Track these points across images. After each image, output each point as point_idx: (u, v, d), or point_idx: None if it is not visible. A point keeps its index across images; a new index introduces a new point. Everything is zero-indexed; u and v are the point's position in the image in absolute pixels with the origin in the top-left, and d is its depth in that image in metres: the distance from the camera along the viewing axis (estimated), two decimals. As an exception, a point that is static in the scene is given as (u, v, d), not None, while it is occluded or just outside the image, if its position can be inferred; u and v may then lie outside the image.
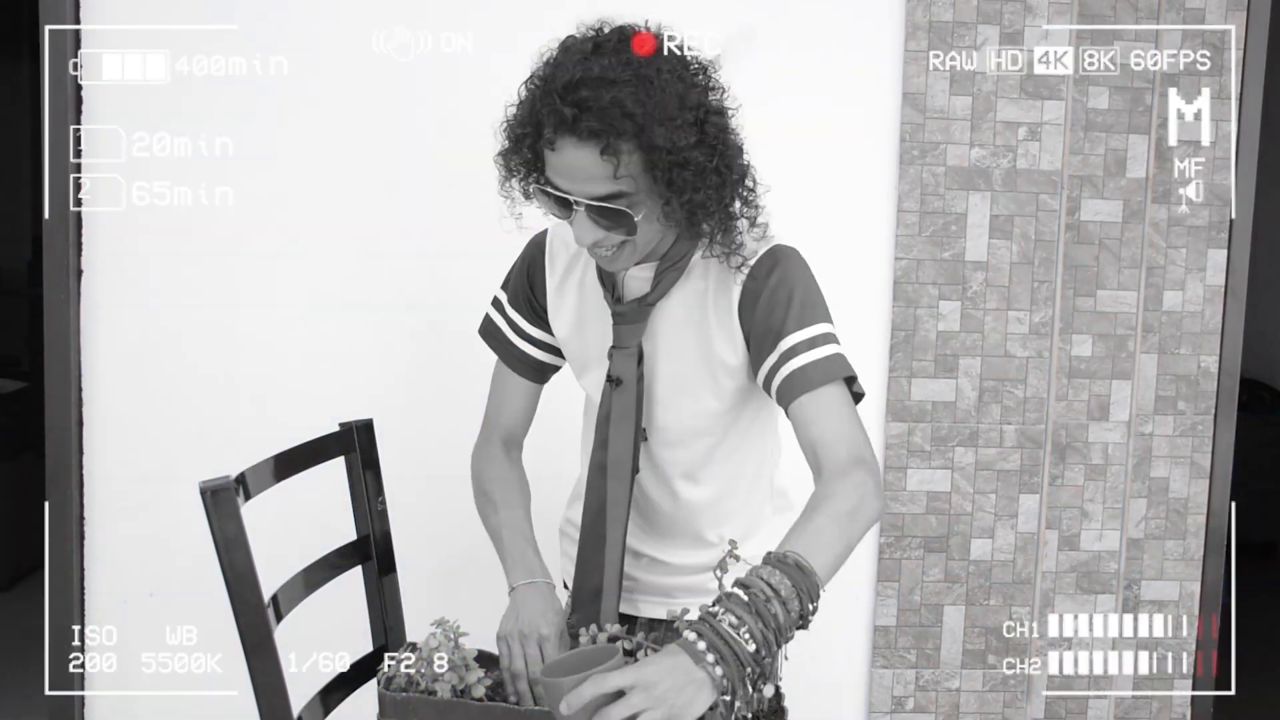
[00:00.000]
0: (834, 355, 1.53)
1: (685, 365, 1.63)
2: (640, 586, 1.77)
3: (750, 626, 1.23)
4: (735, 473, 1.72)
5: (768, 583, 1.27)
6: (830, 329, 1.55)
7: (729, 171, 1.49)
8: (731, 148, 1.50)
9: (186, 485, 1.70)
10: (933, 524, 2.66)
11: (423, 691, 1.53)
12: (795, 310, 1.54)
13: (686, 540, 1.73)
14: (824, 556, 1.33)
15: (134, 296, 2.52)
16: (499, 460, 1.80)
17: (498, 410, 1.83)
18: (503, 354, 1.81)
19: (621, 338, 1.63)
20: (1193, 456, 2.69)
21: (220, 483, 1.54)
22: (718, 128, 1.48)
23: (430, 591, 2.11)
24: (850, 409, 1.53)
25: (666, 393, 1.65)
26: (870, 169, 2.59)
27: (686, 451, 1.69)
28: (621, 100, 1.39)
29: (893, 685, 2.69)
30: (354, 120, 2.50)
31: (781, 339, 1.53)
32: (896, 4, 2.55)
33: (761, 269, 1.56)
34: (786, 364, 1.53)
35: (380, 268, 2.54)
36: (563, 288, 1.71)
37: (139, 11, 2.44)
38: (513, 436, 1.84)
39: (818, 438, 1.49)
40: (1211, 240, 2.64)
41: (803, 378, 1.51)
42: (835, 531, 1.36)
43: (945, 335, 2.62)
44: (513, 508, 1.74)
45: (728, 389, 1.64)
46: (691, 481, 1.70)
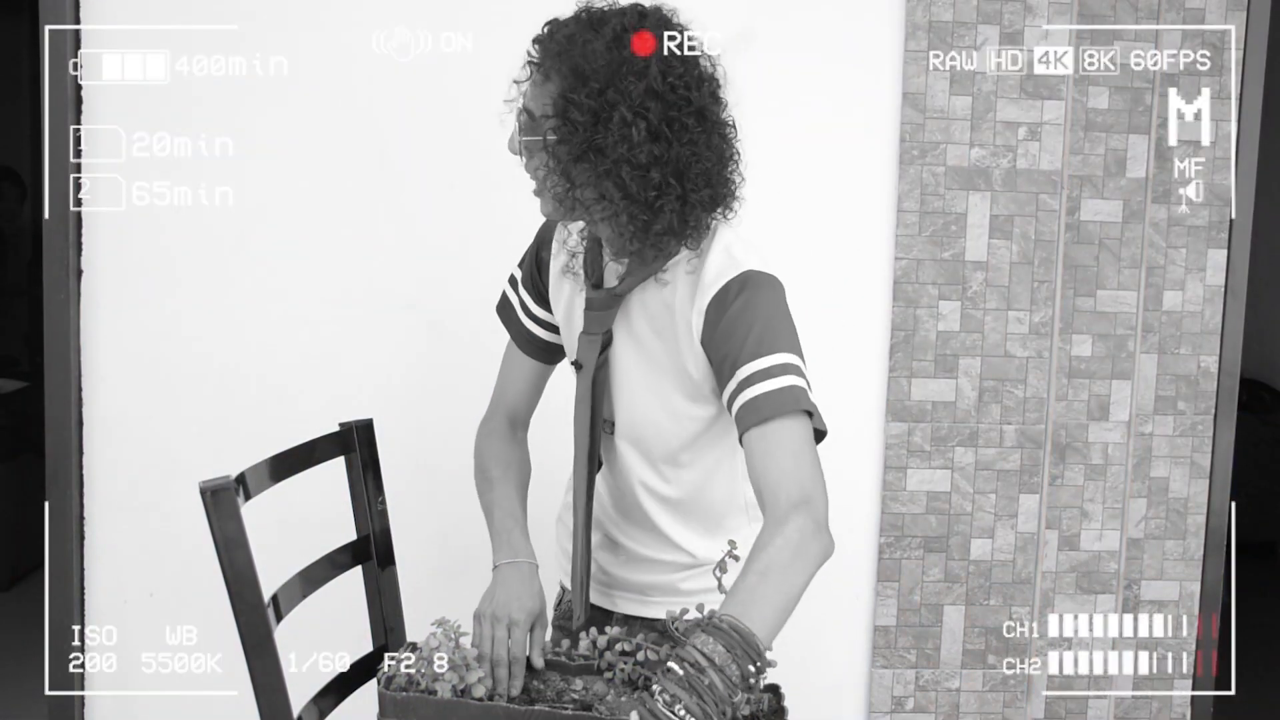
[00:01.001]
0: (790, 387, 1.49)
1: (649, 363, 1.62)
2: (615, 581, 1.77)
3: (685, 702, 1.27)
4: (702, 479, 1.69)
5: (702, 652, 1.30)
6: (791, 359, 1.51)
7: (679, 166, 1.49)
8: (698, 153, 1.50)
9: (186, 485, 1.70)
10: (933, 524, 2.66)
11: (423, 691, 1.53)
12: (754, 337, 1.51)
13: (655, 538, 1.72)
14: (762, 612, 1.35)
15: (134, 296, 2.52)
16: (501, 437, 1.81)
17: (504, 388, 1.84)
18: (513, 332, 1.82)
19: (588, 324, 1.64)
20: (1193, 456, 2.69)
21: (220, 483, 1.54)
22: (679, 123, 1.48)
23: (430, 591, 2.11)
24: (802, 444, 1.49)
25: (627, 385, 1.65)
26: (870, 169, 2.59)
27: (650, 449, 1.67)
28: (575, 42, 1.48)
29: (893, 685, 2.69)
30: (354, 120, 2.50)
31: (738, 367, 1.51)
32: (896, 4, 2.55)
33: (729, 293, 1.53)
34: (742, 393, 1.50)
35: (380, 268, 2.54)
36: (563, 274, 1.73)
37: (139, 11, 2.44)
38: (517, 415, 1.84)
39: (761, 477, 1.47)
40: (1211, 240, 2.63)
41: (754, 409, 1.48)
42: (773, 586, 1.38)
43: (945, 335, 2.62)
44: (507, 485, 1.75)
45: (692, 398, 1.62)
46: (659, 478, 1.68)
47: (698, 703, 1.27)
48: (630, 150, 1.47)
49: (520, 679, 1.58)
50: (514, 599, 1.61)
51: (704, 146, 1.51)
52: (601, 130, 1.47)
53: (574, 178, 1.51)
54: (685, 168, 1.50)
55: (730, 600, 1.37)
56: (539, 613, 1.63)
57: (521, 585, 1.64)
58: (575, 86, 1.47)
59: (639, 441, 1.67)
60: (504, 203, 2.52)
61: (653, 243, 1.53)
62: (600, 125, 1.47)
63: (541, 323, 1.79)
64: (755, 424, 1.48)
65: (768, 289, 1.54)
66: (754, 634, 1.32)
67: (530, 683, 1.61)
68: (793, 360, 1.51)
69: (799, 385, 1.50)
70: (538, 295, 1.78)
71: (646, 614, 1.73)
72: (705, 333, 1.55)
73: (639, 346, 1.63)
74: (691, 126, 1.50)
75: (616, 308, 1.62)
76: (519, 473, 1.79)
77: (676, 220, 1.52)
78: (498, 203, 2.51)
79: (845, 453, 2.64)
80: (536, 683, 1.61)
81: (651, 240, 1.53)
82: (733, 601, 1.36)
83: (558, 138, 1.49)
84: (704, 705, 1.27)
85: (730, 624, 1.32)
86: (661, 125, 1.48)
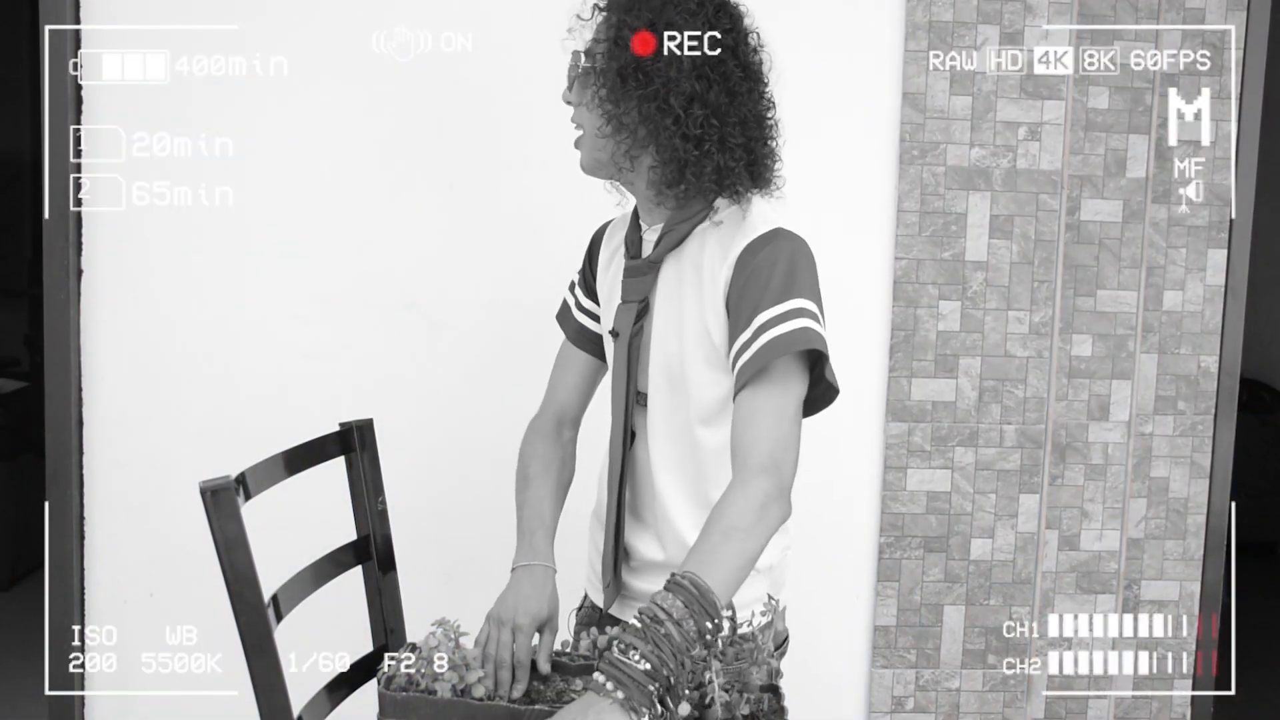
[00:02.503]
0: (803, 329, 1.52)
1: (680, 330, 1.63)
2: (630, 592, 1.76)
3: (641, 649, 1.32)
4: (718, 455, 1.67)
5: (660, 606, 1.35)
6: (808, 304, 1.54)
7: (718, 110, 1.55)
8: (737, 103, 1.57)
9: (186, 485, 1.70)
10: (933, 524, 2.66)
11: (423, 691, 1.53)
12: (776, 285, 1.54)
13: (667, 536, 1.71)
14: (721, 572, 1.40)
15: (134, 296, 2.52)
16: (546, 436, 1.83)
17: (555, 386, 1.87)
18: (566, 329, 1.87)
19: (626, 291, 1.67)
20: (1193, 456, 2.69)
21: (220, 483, 1.54)
22: (723, 68, 1.55)
23: (430, 591, 2.11)
24: (786, 410, 1.52)
25: (659, 352, 1.66)
26: (870, 169, 2.59)
27: (673, 421, 1.67)
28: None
29: (893, 685, 2.69)
30: (354, 120, 2.50)
31: (758, 312, 1.53)
32: (896, 4, 2.55)
33: (759, 244, 1.57)
34: (758, 339, 1.52)
35: (380, 268, 2.54)
36: (609, 264, 1.77)
37: (139, 11, 2.44)
38: (565, 414, 1.86)
39: (739, 437, 1.51)
40: (1211, 240, 2.64)
41: (765, 351, 1.51)
42: (734, 548, 1.43)
43: (945, 335, 2.62)
44: (542, 486, 1.77)
45: (711, 363, 1.62)
46: (680, 454, 1.68)
47: (653, 650, 1.32)
48: (677, 75, 1.53)
49: (523, 683, 1.58)
50: (521, 603, 1.62)
51: (744, 96, 1.58)
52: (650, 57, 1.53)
53: (620, 98, 1.56)
54: (725, 113, 1.56)
55: (692, 557, 1.41)
56: (546, 618, 1.63)
57: (532, 589, 1.64)
58: (629, 13, 1.55)
59: (663, 414, 1.68)
60: (504, 203, 2.53)
61: (693, 182, 1.57)
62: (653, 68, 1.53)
63: (591, 314, 1.84)
64: (751, 378, 1.52)
65: (795, 242, 1.58)
66: (712, 591, 1.37)
67: (531, 683, 1.61)
68: (810, 306, 1.54)
69: (813, 329, 1.53)
70: (588, 289, 1.83)
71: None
72: (731, 282, 1.57)
73: (670, 314, 1.65)
74: (734, 74, 1.57)
75: (653, 275, 1.65)
76: (558, 474, 1.81)
77: (717, 161, 1.56)
78: (498, 203, 2.51)
79: (845, 453, 2.65)
80: (536, 683, 1.61)
81: (693, 178, 1.57)
82: (694, 559, 1.41)
83: (606, 58, 1.56)
84: (659, 653, 1.32)
85: (691, 580, 1.37)
86: (705, 65, 1.55)
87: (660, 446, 1.68)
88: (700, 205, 1.62)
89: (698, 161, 1.55)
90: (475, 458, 2.55)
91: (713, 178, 1.57)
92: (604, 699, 1.31)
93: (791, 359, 1.53)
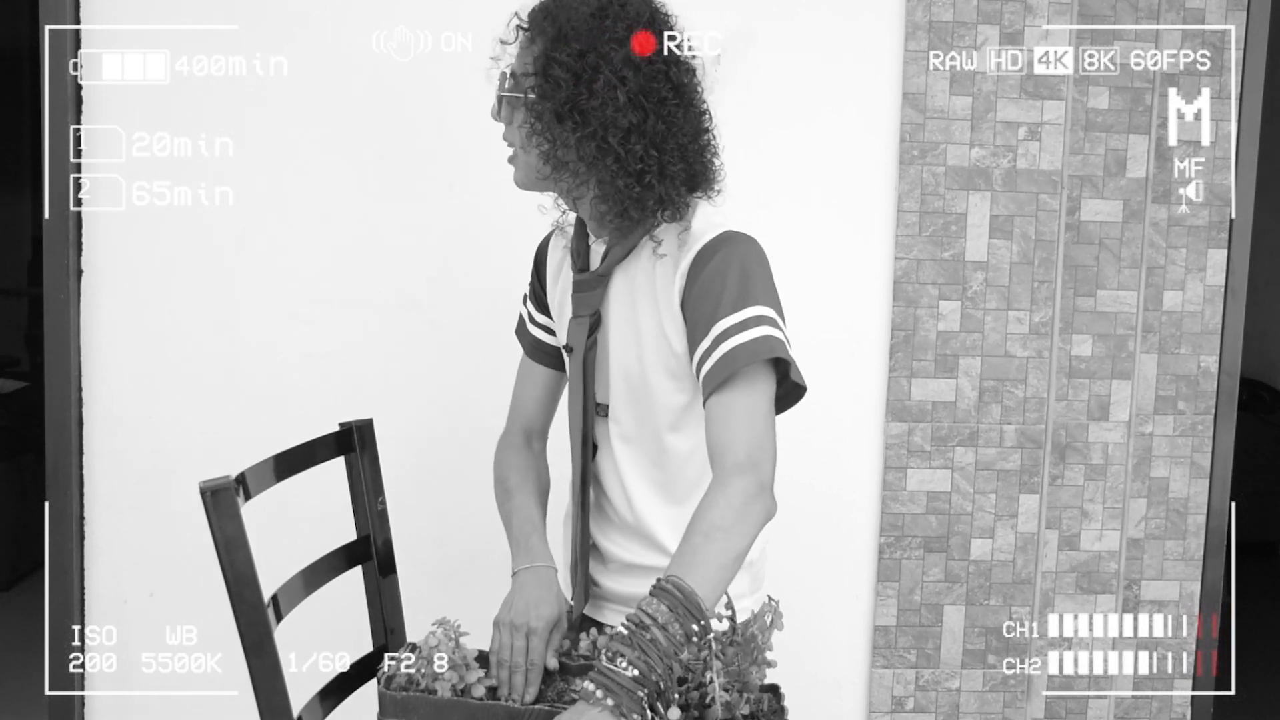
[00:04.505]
0: (765, 337, 1.51)
1: (636, 341, 1.64)
2: (603, 593, 1.77)
3: (629, 656, 1.33)
4: (685, 461, 1.69)
5: (646, 612, 1.36)
6: (767, 311, 1.53)
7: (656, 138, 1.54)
8: (674, 128, 1.55)
9: (186, 485, 1.70)
10: (933, 524, 2.66)
11: (423, 691, 1.53)
12: (731, 292, 1.53)
13: (638, 539, 1.72)
14: (704, 573, 1.40)
15: (134, 296, 2.52)
16: (518, 450, 1.84)
17: (519, 401, 1.87)
18: (524, 344, 1.87)
19: (576, 306, 1.67)
20: (1193, 456, 2.69)
21: (220, 483, 1.54)
22: (657, 95, 1.53)
23: (430, 591, 2.11)
24: (758, 408, 1.51)
25: (616, 364, 1.67)
26: (870, 169, 2.59)
27: (638, 430, 1.68)
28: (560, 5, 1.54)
29: (893, 685, 2.69)
30: (354, 120, 2.50)
31: (716, 320, 1.52)
32: (896, 4, 2.55)
33: (710, 250, 1.56)
34: (718, 348, 1.51)
35: (380, 267, 2.54)
36: (557, 276, 1.77)
37: (139, 11, 2.44)
38: (533, 426, 1.87)
39: (714, 439, 1.51)
40: (1211, 240, 2.64)
41: (728, 360, 1.50)
42: (716, 548, 1.42)
43: (945, 335, 2.62)
44: (524, 494, 1.77)
45: (674, 374, 1.63)
46: (646, 461, 1.69)
47: (640, 656, 1.33)
48: (614, 114, 1.52)
49: (536, 685, 1.59)
50: (532, 606, 1.62)
51: (681, 120, 1.56)
52: (584, 92, 1.52)
53: (556, 137, 1.55)
54: (663, 141, 1.54)
55: (675, 561, 1.42)
56: (557, 619, 1.63)
57: (540, 591, 1.64)
58: (558, 46, 1.53)
59: (627, 422, 1.68)
60: (504, 203, 2.53)
61: (632, 213, 1.57)
62: (582, 86, 1.52)
63: (545, 328, 1.83)
64: (718, 385, 1.51)
65: (746, 245, 1.57)
66: (696, 594, 1.37)
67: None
68: (768, 312, 1.53)
69: (774, 336, 1.52)
70: (539, 303, 1.83)
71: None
72: (685, 292, 1.57)
73: (626, 325, 1.65)
74: (668, 100, 1.55)
75: (602, 288, 1.64)
76: (537, 483, 1.81)
77: (656, 191, 1.55)
78: (498, 203, 2.51)
79: (845, 453, 2.65)
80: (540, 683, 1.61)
81: (631, 209, 1.56)
82: (677, 563, 1.41)
83: (539, 95, 1.54)
84: (647, 658, 1.33)
85: (675, 584, 1.38)
86: (640, 96, 1.53)
87: (628, 454, 1.69)
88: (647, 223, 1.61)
89: (640, 196, 1.55)
90: (475, 458, 2.54)
91: (654, 208, 1.57)
92: (594, 707, 1.32)
93: (756, 363, 1.52)
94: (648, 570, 1.70)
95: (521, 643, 1.59)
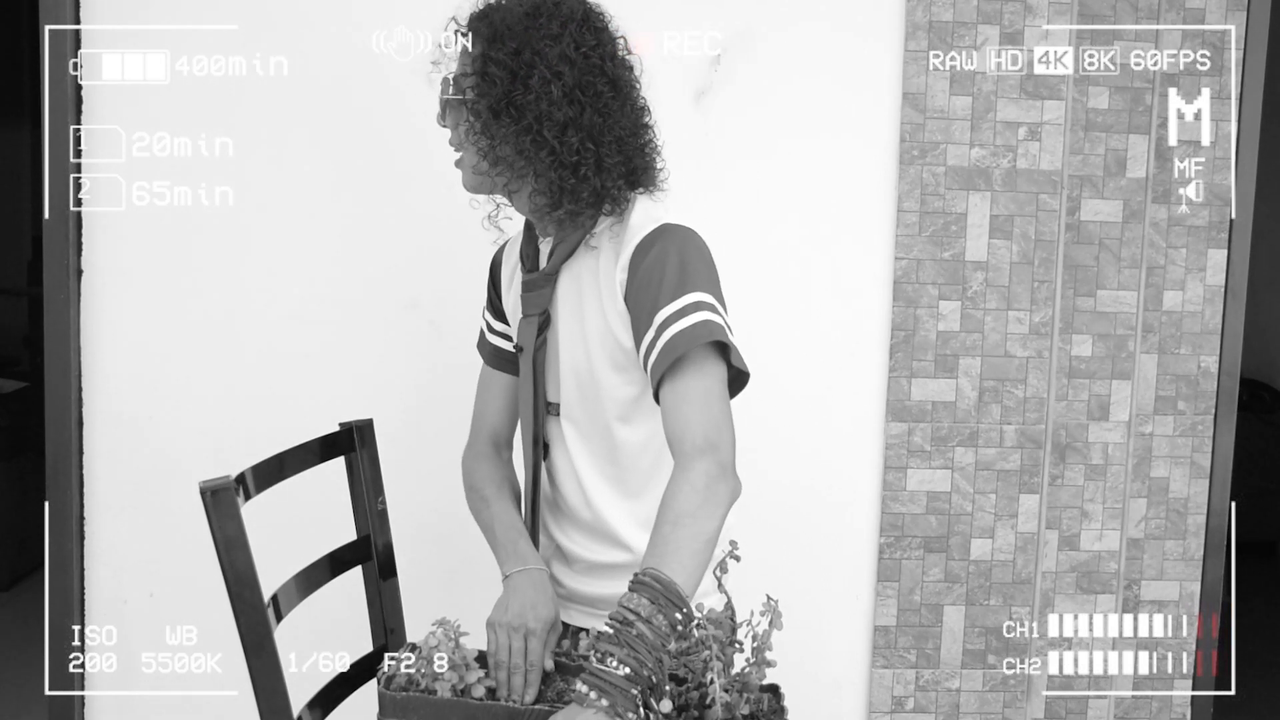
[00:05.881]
0: (704, 322, 1.52)
1: (584, 338, 1.65)
2: (568, 594, 1.77)
3: (618, 655, 1.34)
4: (639, 452, 1.69)
5: (628, 608, 1.37)
6: (705, 297, 1.54)
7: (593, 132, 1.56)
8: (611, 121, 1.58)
9: (186, 485, 1.70)
10: (933, 524, 2.66)
11: (423, 691, 1.53)
12: (670, 280, 1.54)
13: (598, 538, 1.73)
14: (680, 560, 1.41)
15: (134, 296, 2.52)
16: (487, 459, 1.85)
17: (483, 411, 1.89)
18: (484, 354, 1.89)
19: (525, 306, 1.69)
20: (1193, 456, 2.69)
21: (220, 483, 1.54)
22: (593, 89, 1.57)
23: (430, 591, 2.11)
24: (711, 390, 1.52)
25: (565, 361, 1.68)
26: (870, 169, 2.59)
27: (589, 426, 1.69)
28: (495, 8, 1.60)
29: (893, 685, 2.69)
30: (354, 120, 2.50)
31: (658, 310, 1.53)
32: (896, 4, 2.55)
33: (648, 243, 1.58)
34: (660, 336, 1.52)
35: (381, 268, 2.54)
36: (510, 282, 1.80)
37: (139, 11, 2.43)
38: (499, 435, 1.88)
39: (670, 427, 1.52)
40: (1211, 240, 2.63)
41: (670, 349, 1.51)
42: (686, 534, 1.43)
43: (945, 335, 2.62)
44: (503, 501, 1.78)
45: (622, 367, 1.64)
46: (600, 458, 1.70)
47: (629, 654, 1.34)
48: (549, 107, 1.55)
49: (535, 686, 1.59)
50: (529, 607, 1.62)
51: (618, 114, 1.59)
52: (520, 88, 1.55)
53: (494, 134, 1.58)
54: (599, 134, 1.57)
55: (649, 553, 1.43)
56: (554, 620, 1.64)
57: (536, 592, 1.64)
58: (494, 45, 1.57)
59: (579, 419, 1.70)
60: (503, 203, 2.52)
61: (572, 206, 1.59)
62: (518, 83, 1.55)
63: (504, 335, 1.85)
64: (667, 373, 1.52)
65: (684, 235, 1.59)
66: (675, 583, 1.38)
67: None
68: (706, 298, 1.54)
69: (714, 320, 1.53)
70: (495, 311, 1.85)
71: (599, 627, 1.73)
72: (627, 285, 1.59)
73: (573, 323, 1.66)
74: (604, 94, 1.58)
75: (549, 287, 1.66)
76: (511, 489, 1.82)
77: (594, 185, 1.58)
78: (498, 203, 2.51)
79: (845, 453, 2.65)
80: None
81: (571, 203, 1.59)
82: (651, 554, 1.42)
83: (477, 93, 1.58)
84: (636, 655, 1.34)
85: (653, 576, 1.38)
86: (575, 90, 1.56)
87: (582, 450, 1.70)
88: (587, 217, 1.64)
89: (575, 188, 1.58)
90: (475, 458, 2.55)
91: (590, 200, 1.59)
92: (589, 709, 1.32)
93: (701, 347, 1.53)
94: (612, 569, 1.71)
95: (520, 644, 1.59)
